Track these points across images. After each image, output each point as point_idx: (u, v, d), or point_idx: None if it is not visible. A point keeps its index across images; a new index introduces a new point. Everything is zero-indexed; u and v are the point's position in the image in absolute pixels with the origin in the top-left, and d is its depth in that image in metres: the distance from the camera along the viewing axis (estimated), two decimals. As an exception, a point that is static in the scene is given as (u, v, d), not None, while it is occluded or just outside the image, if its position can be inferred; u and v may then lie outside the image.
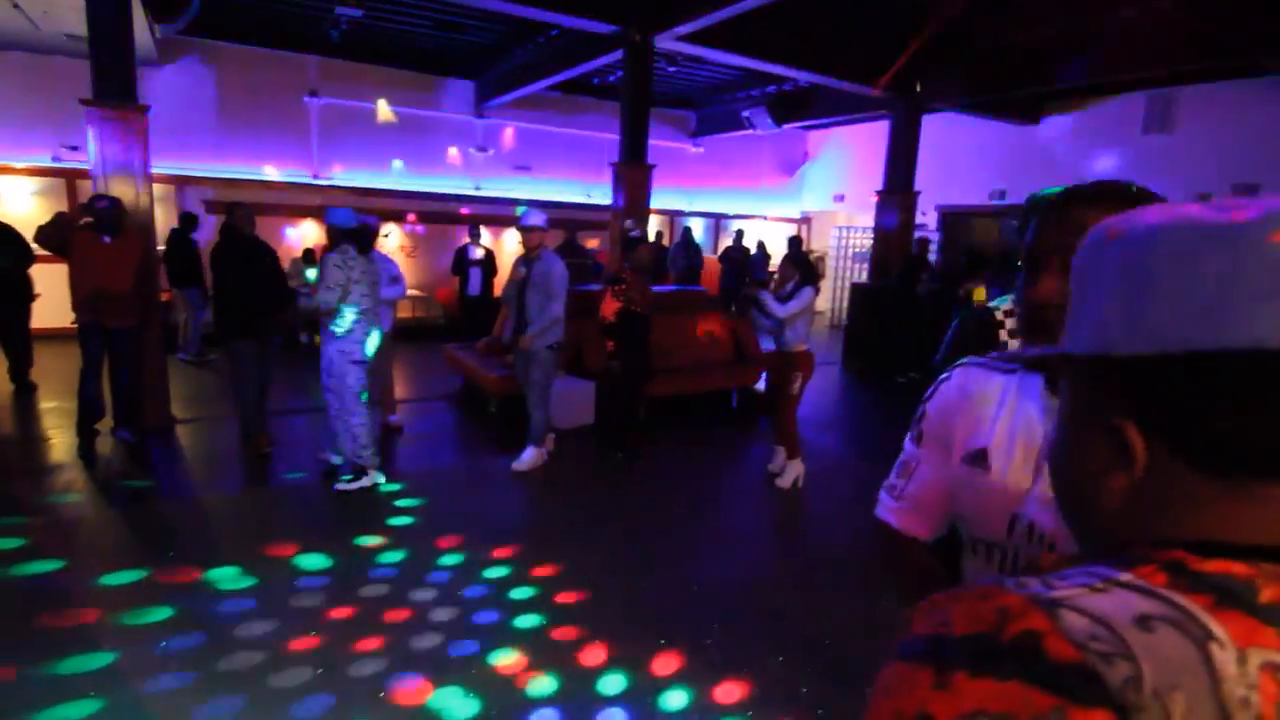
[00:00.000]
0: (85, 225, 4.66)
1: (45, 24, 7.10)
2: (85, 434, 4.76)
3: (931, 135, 9.54)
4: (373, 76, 10.21)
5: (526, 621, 3.05)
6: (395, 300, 5.46)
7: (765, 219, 14.32)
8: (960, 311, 1.85)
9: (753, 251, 11.87)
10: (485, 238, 9.47)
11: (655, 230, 11.30)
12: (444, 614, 3.08)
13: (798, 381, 4.64)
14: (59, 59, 8.22)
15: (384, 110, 10.31)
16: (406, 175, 10.77)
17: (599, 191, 11.84)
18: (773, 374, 4.74)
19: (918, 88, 8.83)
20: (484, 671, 2.69)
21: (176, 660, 2.66)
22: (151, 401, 5.27)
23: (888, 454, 1.11)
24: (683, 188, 13.05)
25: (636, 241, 5.29)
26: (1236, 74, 7.94)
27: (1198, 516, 0.44)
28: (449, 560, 3.56)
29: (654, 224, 11.16)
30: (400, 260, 10.18)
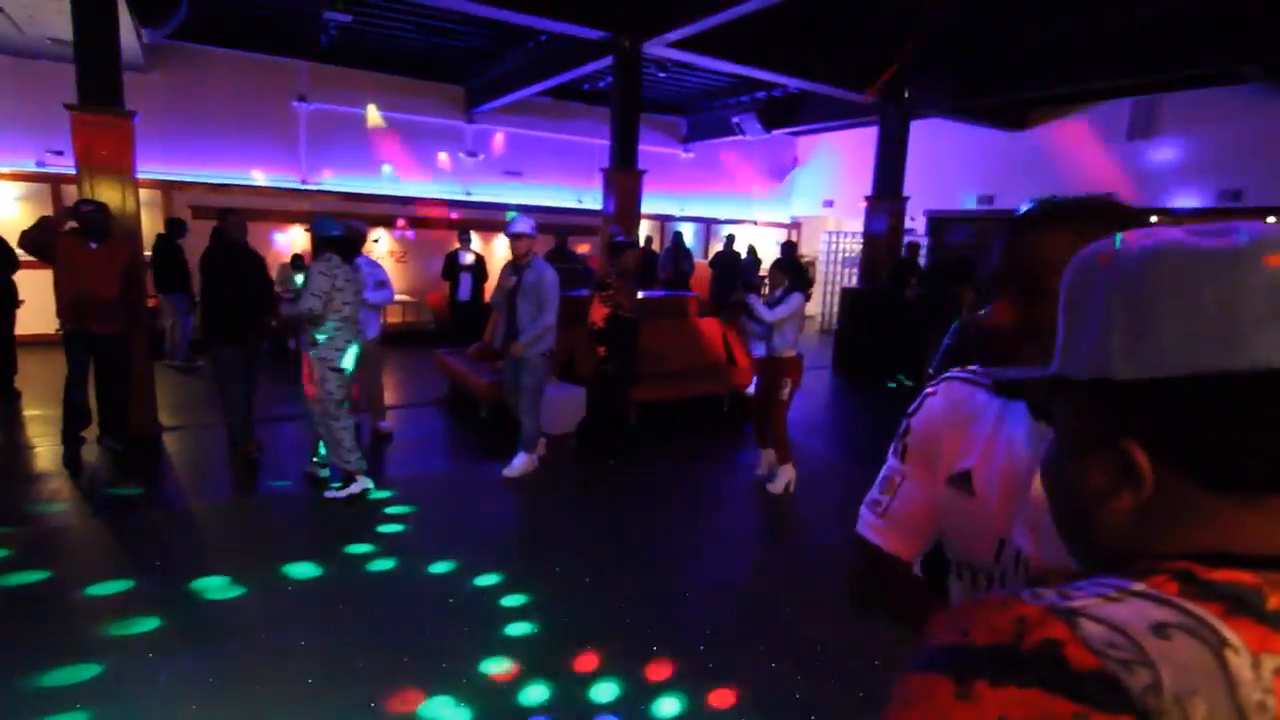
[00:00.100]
0: (70, 230, 4.61)
1: (30, 28, 7.05)
2: (71, 442, 4.69)
3: (920, 140, 9.62)
4: (362, 81, 10.19)
5: (518, 629, 3.03)
6: (383, 305, 5.45)
7: (755, 224, 14.38)
8: (958, 318, 1.85)
9: (743, 256, 11.91)
10: (476, 243, 9.46)
11: (645, 235, 11.31)
12: (435, 622, 3.06)
13: (787, 387, 4.66)
14: (44, 62, 8.16)
15: (373, 116, 10.29)
16: (396, 180, 10.75)
17: (590, 197, 11.86)
18: (762, 379, 4.75)
19: (906, 93, 8.90)
20: (475, 680, 2.68)
21: (164, 671, 2.63)
22: (138, 409, 5.22)
23: (878, 458, 1.08)
24: (673, 193, 13.09)
25: (622, 247, 5.30)
26: (1220, 80, 8.06)
27: (1203, 530, 0.45)
28: (439, 568, 3.54)
29: (645, 229, 11.19)
30: (390, 265, 10.15)
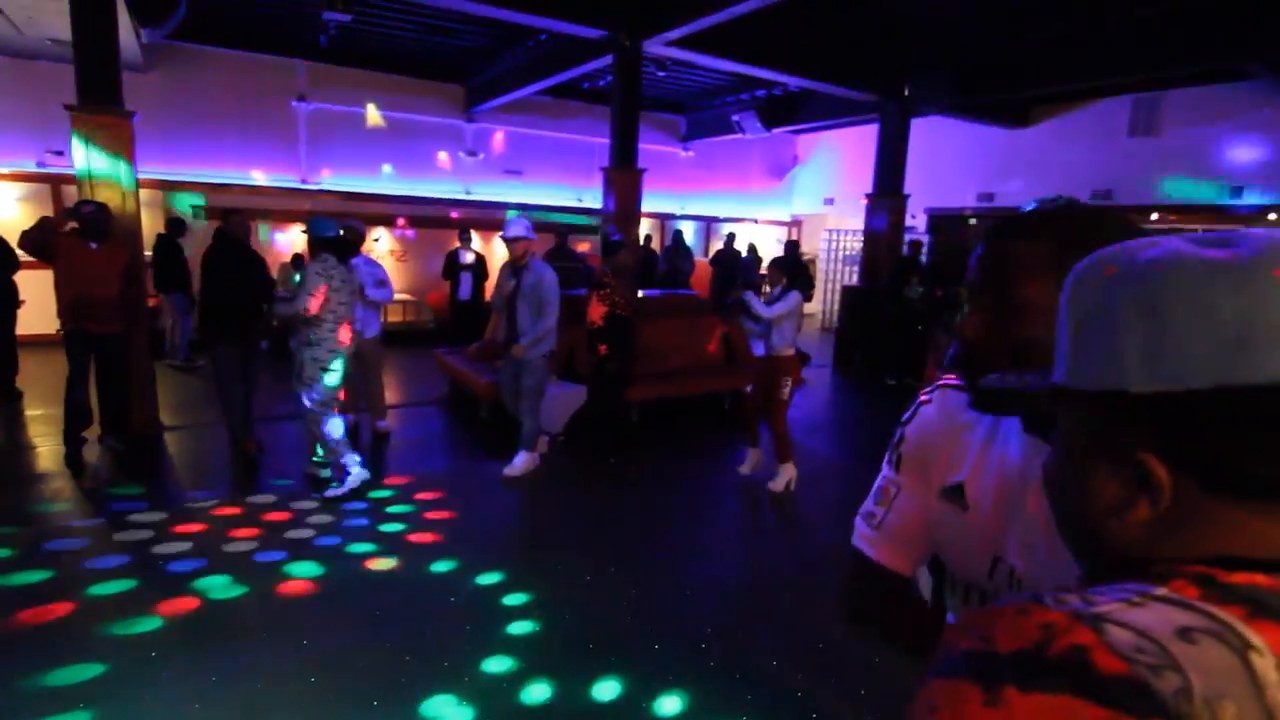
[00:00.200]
0: (71, 230, 4.62)
1: (29, 29, 7.05)
2: (72, 442, 4.70)
3: (920, 138, 9.61)
4: (361, 81, 10.18)
5: (519, 628, 3.04)
6: (382, 304, 5.45)
7: (756, 222, 14.37)
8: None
9: (744, 255, 11.90)
10: (476, 242, 9.44)
11: (645, 234, 11.31)
12: (436, 621, 3.06)
13: (787, 386, 4.67)
14: (43, 63, 8.16)
15: (373, 115, 10.29)
16: (396, 180, 10.74)
17: (590, 195, 11.85)
18: (761, 378, 4.75)
19: (906, 91, 8.89)
20: (477, 679, 2.68)
21: (166, 671, 2.63)
22: (139, 408, 5.24)
23: (879, 456, 1.05)
24: (673, 191, 13.08)
25: (618, 245, 5.33)
26: (1221, 78, 8.05)
27: (1219, 535, 0.45)
28: (441, 567, 3.54)
29: (645, 228, 11.18)
30: (390, 265, 10.15)
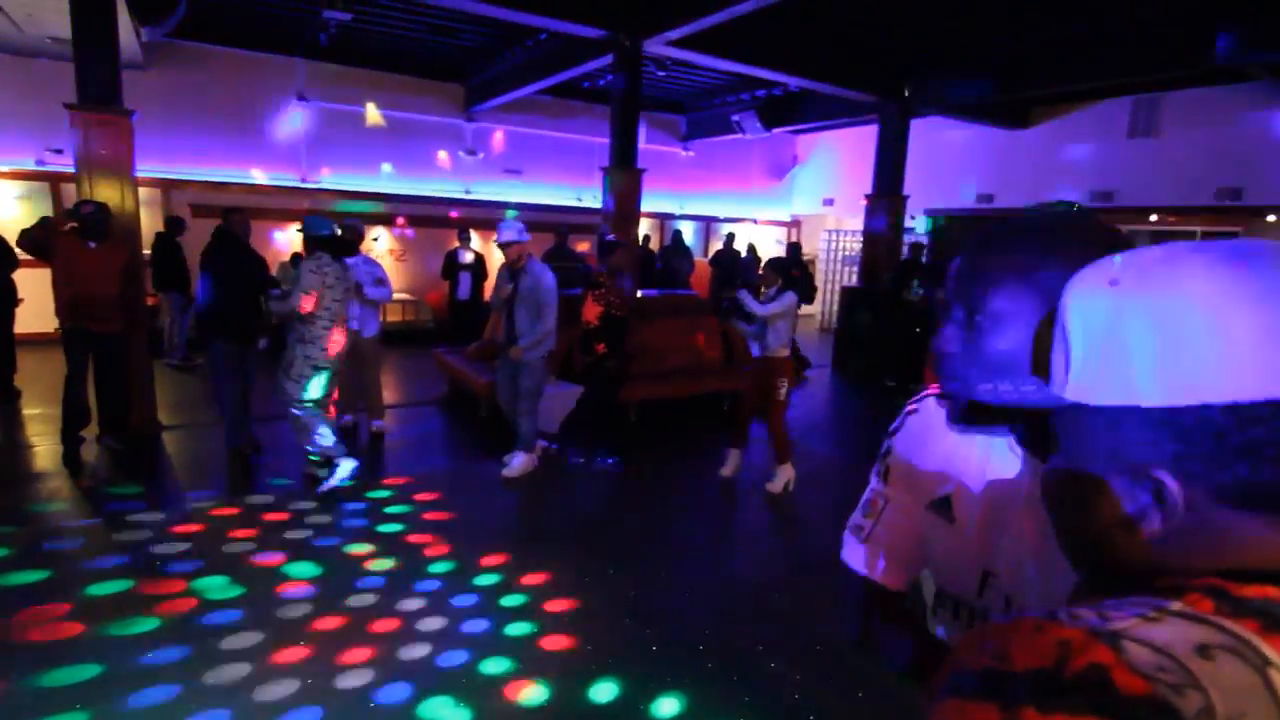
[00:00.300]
0: (70, 229, 4.61)
1: (29, 26, 7.03)
2: (70, 441, 4.70)
3: (920, 139, 9.59)
4: (361, 80, 10.17)
5: (517, 629, 3.03)
6: (381, 303, 5.45)
7: (755, 222, 14.36)
8: None
9: (743, 255, 11.89)
10: (475, 241, 9.44)
11: (644, 234, 11.29)
12: (433, 623, 3.06)
13: (783, 386, 4.68)
14: (43, 61, 8.14)
15: (373, 114, 10.27)
16: (396, 179, 10.74)
17: (590, 195, 11.84)
18: (757, 379, 4.76)
19: (906, 92, 8.88)
20: (474, 681, 2.68)
21: (163, 673, 2.63)
22: (138, 408, 5.23)
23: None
24: (673, 191, 13.07)
25: (613, 246, 5.35)
26: (1219, 79, 8.05)
27: (1230, 548, 0.45)
28: (438, 568, 3.54)
29: (644, 228, 11.17)
30: (389, 264, 10.14)
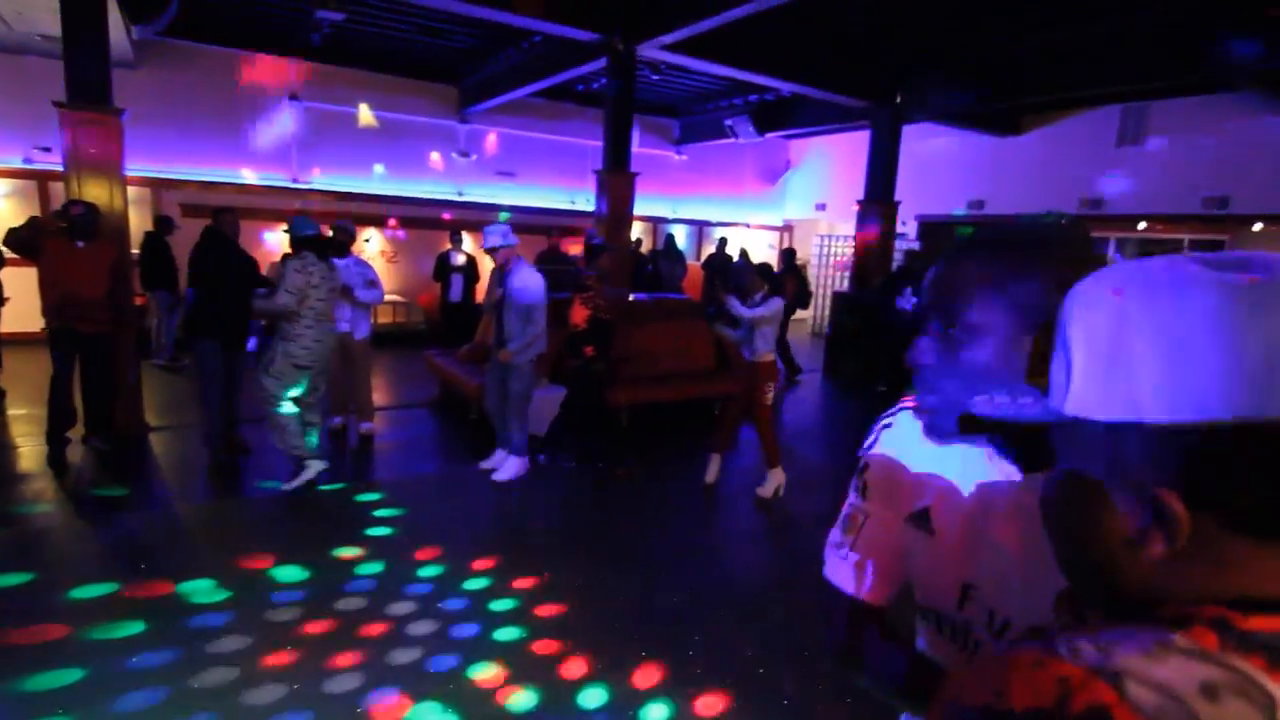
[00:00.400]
0: (58, 230, 4.58)
1: (19, 24, 6.98)
2: (56, 442, 4.66)
3: (912, 145, 9.65)
4: (354, 80, 10.13)
5: (506, 634, 3.02)
6: (372, 305, 5.43)
7: (748, 227, 14.40)
8: None
9: (735, 259, 11.90)
10: (467, 243, 9.42)
11: (635, 238, 11.30)
12: (423, 627, 3.04)
13: (770, 391, 4.71)
14: (32, 59, 8.08)
15: (365, 115, 10.24)
16: (388, 180, 10.70)
17: (583, 198, 11.84)
18: (744, 384, 4.77)
19: (898, 98, 8.93)
20: (463, 686, 2.67)
21: (148, 676, 2.61)
22: (124, 408, 5.18)
23: None
24: (666, 195, 13.08)
25: (600, 249, 5.37)
26: (1208, 88, 8.13)
27: (1234, 574, 0.43)
28: (428, 572, 3.52)
29: (637, 231, 11.17)
30: (381, 265, 10.11)
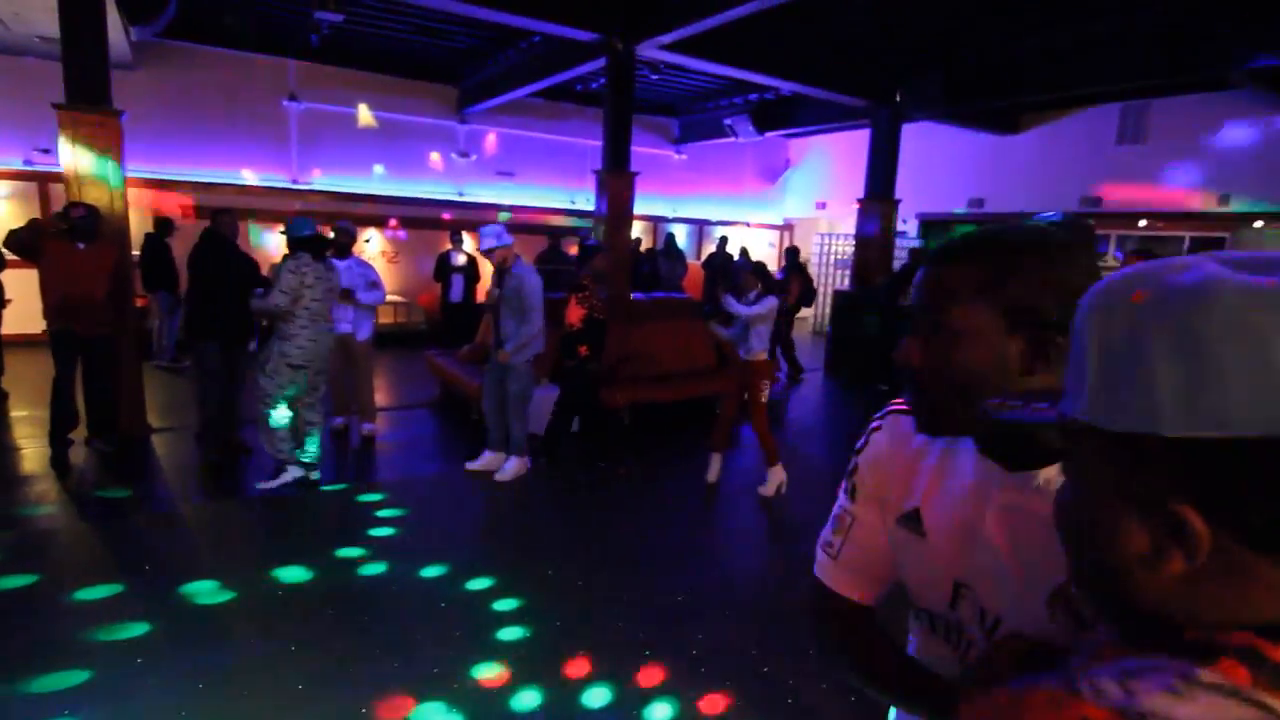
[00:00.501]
0: (59, 232, 4.59)
1: (16, 25, 6.98)
2: (59, 444, 4.66)
3: (912, 143, 9.65)
4: (353, 81, 10.13)
5: (509, 634, 3.03)
6: (374, 306, 5.44)
7: (748, 225, 14.40)
8: None
9: (736, 258, 11.91)
10: (467, 243, 9.43)
11: (635, 237, 11.30)
12: (425, 627, 3.05)
13: (765, 389, 4.74)
14: (31, 60, 8.07)
15: (364, 115, 10.24)
16: (388, 180, 10.71)
17: (582, 197, 11.84)
18: (739, 383, 4.78)
19: (898, 97, 8.93)
20: (467, 685, 2.67)
21: (153, 677, 2.61)
22: (127, 410, 5.19)
23: None
24: (666, 194, 13.09)
25: (595, 249, 5.38)
26: (1208, 86, 8.13)
27: (1260, 597, 0.41)
28: (431, 572, 3.53)
29: (637, 230, 11.17)
30: (381, 266, 10.11)
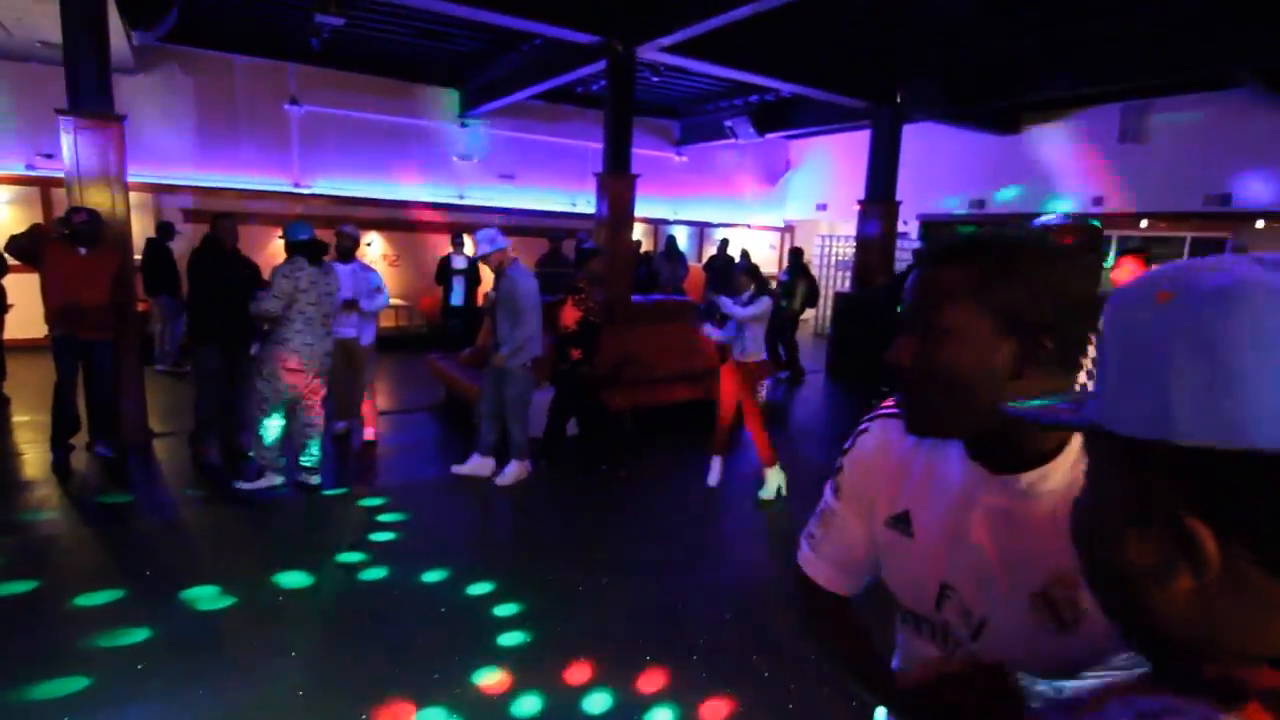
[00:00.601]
0: (61, 237, 4.59)
1: (19, 31, 7.00)
2: (60, 449, 4.67)
3: (912, 144, 9.63)
4: (354, 85, 10.15)
5: (510, 639, 3.03)
6: (378, 311, 5.43)
7: (749, 227, 14.39)
8: None
9: (737, 260, 11.91)
10: (468, 247, 9.42)
11: (635, 239, 11.31)
12: (427, 632, 3.05)
13: (760, 391, 4.75)
14: (34, 65, 8.09)
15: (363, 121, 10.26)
16: (389, 184, 10.72)
17: (584, 200, 11.84)
18: (734, 385, 4.78)
19: (898, 98, 8.92)
20: (468, 691, 2.67)
21: (154, 683, 2.61)
22: (128, 415, 5.19)
23: None
24: (667, 196, 13.09)
25: (591, 253, 5.39)
26: (1209, 86, 8.12)
27: (1278, 624, 0.39)
28: (432, 577, 3.53)
29: (638, 233, 11.18)
30: (383, 269, 10.11)
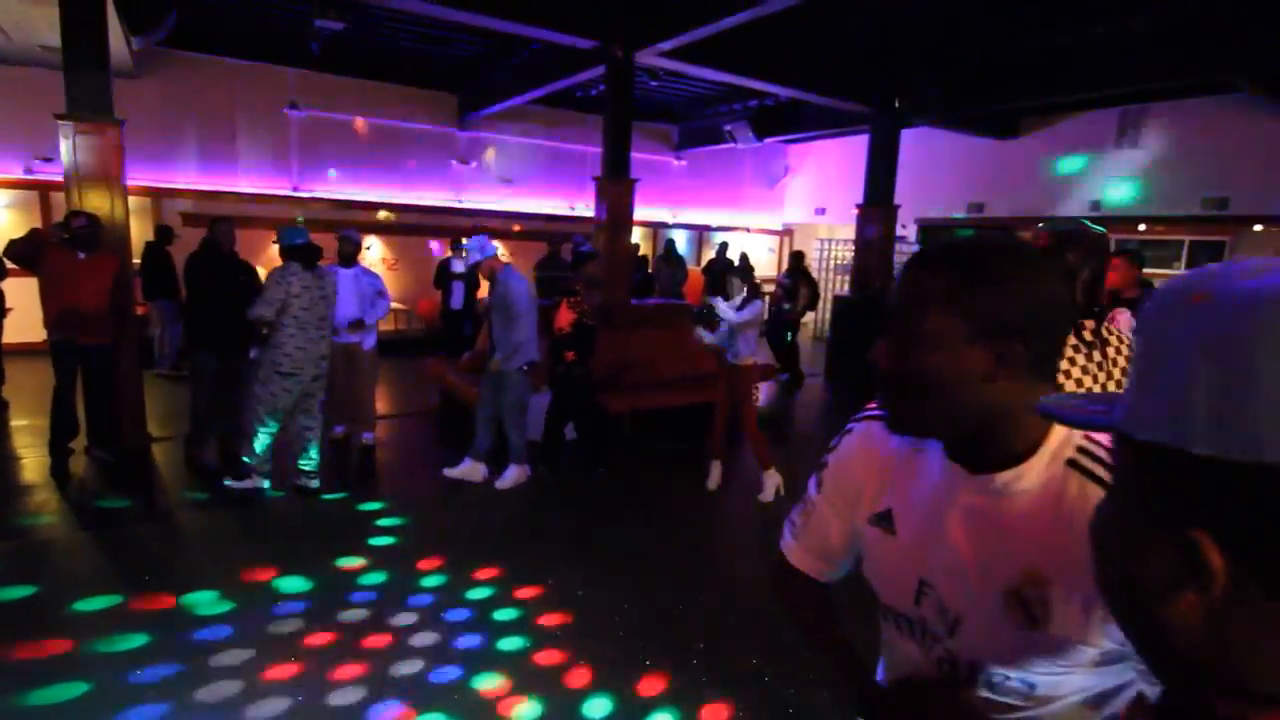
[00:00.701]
0: (60, 241, 4.59)
1: (18, 35, 7.00)
2: (59, 453, 4.66)
3: (911, 148, 9.65)
4: (354, 89, 10.16)
5: (510, 644, 3.02)
6: (380, 316, 5.41)
7: (748, 231, 14.41)
8: None
9: (736, 264, 11.92)
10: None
11: (634, 243, 11.32)
12: (426, 638, 3.04)
13: (755, 394, 4.75)
14: (33, 69, 8.09)
15: (363, 126, 10.27)
16: (388, 188, 10.72)
17: (583, 204, 11.86)
18: (728, 388, 4.78)
19: (897, 102, 8.94)
20: (467, 696, 2.66)
21: (152, 690, 2.60)
22: (127, 419, 5.18)
23: None
24: (666, 201, 13.10)
25: (587, 256, 5.40)
26: (1207, 90, 8.14)
27: None
28: (431, 582, 3.52)
29: (637, 236, 11.19)
30: (382, 273, 10.09)
